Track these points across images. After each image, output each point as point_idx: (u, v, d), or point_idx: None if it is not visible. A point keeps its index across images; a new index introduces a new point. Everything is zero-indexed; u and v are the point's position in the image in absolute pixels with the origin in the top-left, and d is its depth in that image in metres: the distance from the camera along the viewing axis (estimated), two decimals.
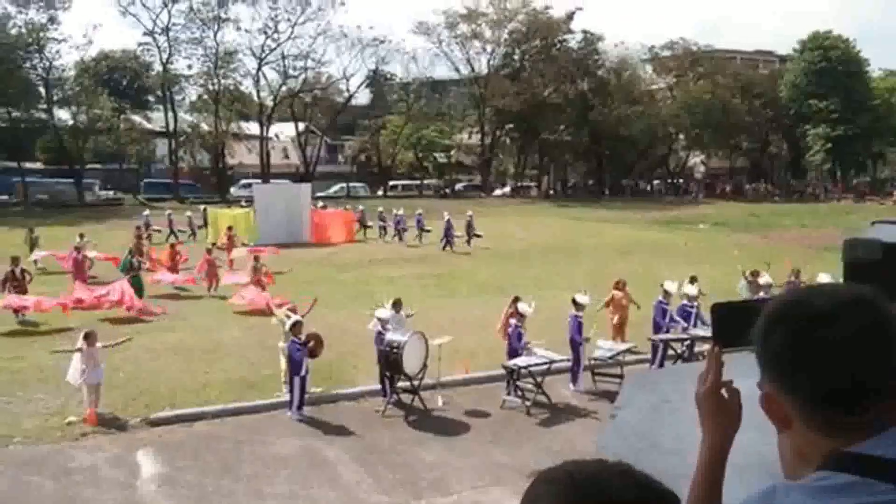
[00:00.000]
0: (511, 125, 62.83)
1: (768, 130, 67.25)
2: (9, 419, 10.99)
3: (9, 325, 16.62)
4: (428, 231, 32.52)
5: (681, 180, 70.37)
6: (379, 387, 12.14)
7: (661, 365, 13.10)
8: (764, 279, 16.02)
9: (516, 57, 63.17)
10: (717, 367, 1.41)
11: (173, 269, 22.33)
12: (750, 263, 19.04)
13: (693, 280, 15.39)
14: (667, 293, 14.19)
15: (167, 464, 9.70)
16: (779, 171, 74.02)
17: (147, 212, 34.85)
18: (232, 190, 52.61)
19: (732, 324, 1.42)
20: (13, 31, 48.49)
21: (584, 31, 63.17)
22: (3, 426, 10.71)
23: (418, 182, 60.59)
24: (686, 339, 13.80)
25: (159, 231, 32.04)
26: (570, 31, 62.84)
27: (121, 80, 57.60)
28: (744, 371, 1.45)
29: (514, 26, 61.48)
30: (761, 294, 13.85)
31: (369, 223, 35.73)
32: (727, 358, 1.45)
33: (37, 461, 9.65)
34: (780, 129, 67.43)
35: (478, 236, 31.16)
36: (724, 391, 1.41)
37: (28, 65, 49.90)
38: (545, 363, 12.21)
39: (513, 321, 12.48)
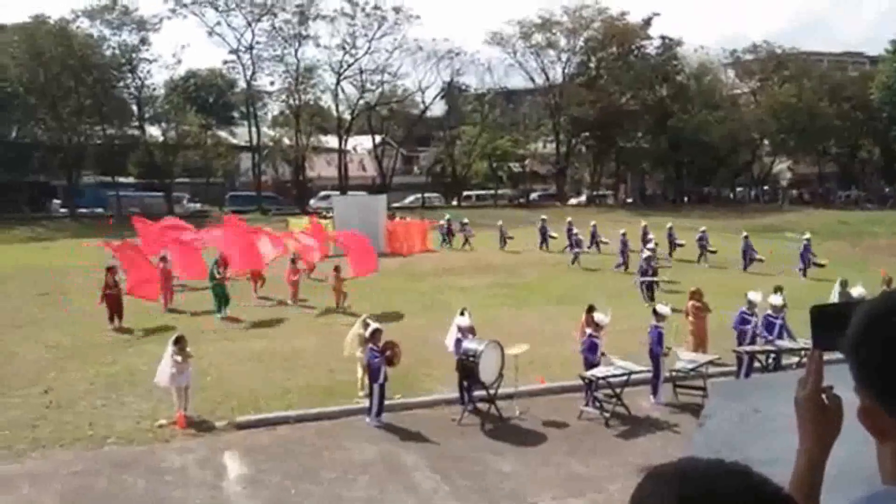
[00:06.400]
0: (587, 133, 62.15)
1: (859, 135, 64.24)
2: (104, 420, 11.54)
3: (104, 332, 17.49)
4: (681, 245, 29.92)
5: (766, 187, 67.99)
6: (454, 395, 12.18)
7: (747, 377, 12.66)
8: (857, 291, 15.29)
9: (592, 65, 62.49)
10: (818, 372, 1.37)
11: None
12: (838, 274, 18.25)
13: (778, 290, 14.84)
14: (750, 303, 13.73)
15: (252, 466, 9.98)
16: (870, 176, 70.54)
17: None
18: (311, 202, 53.86)
19: (833, 327, 1.37)
20: (108, 53, 51.19)
21: (663, 37, 62.14)
22: (100, 427, 11.26)
23: (493, 192, 60.62)
24: (772, 351, 13.32)
25: None
26: (648, 37, 61.85)
27: (207, 97, 59.93)
28: (844, 379, 1.40)
29: (590, 34, 60.84)
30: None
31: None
32: (827, 366, 1.41)
33: (130, 461, 10.09)
34: (872, 133, 64.33)
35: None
36: (824, 396, 1.36)
37: (122, 84, 52.63)
38: (624, 374, 12.00)
39: (588, 330, 12.32)
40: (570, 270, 27.27)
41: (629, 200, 64.11)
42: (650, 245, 26.24)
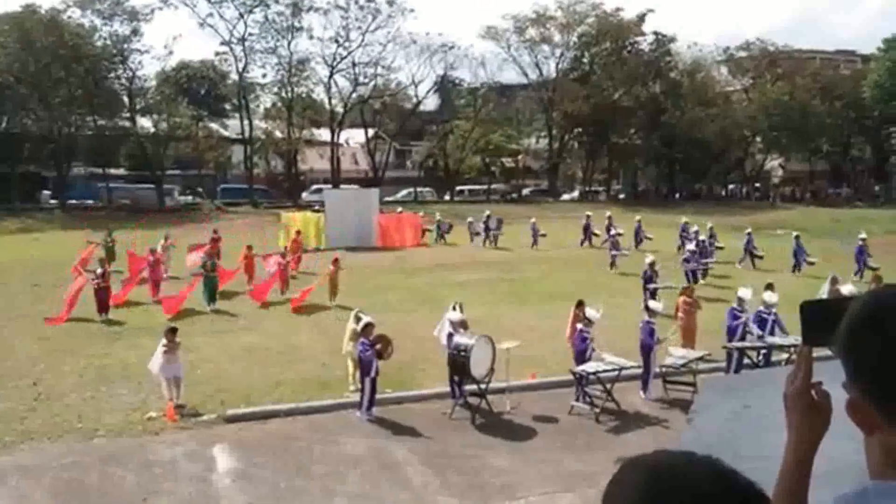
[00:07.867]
0: (579, 129, 62.18)
1: (850, 133, 64.53)
2: (93, 413, 11.51)
3: (95, 324, 17.42)
4: (721, 248, 28.03)
5: (757, 184, 68.24)
6: (445, 390, 12.19)
7: (737, 373, 12.72)
8: (847, 288, 15.36)
9: (585, 60, 62.50)
10: (807, 367, 1.37)
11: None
12: (829, 271, 18.34)
13: (770, 287, 14.89)
14: (741, 300, 13.79)
15: (242, 459, 9.97)
16: (861, 175, 70.90)
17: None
18: (304, 195, 53.69)
19: (823, 323, 1.37)
20: (99, 44, 50.77)
21: (656, 33, 62.06)
22: (89, 420, 11.23)
23: (485, 187, 60.61)
24: (762, 348, 13.38)
25: None
26: (642, 33, 61.81)
27: (199, 89, 59.48)
28: (833, 375, 1.41)
29: (584, 29, 60.85)
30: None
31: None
32: (816, 362, 1.41)
33: (119, 454, 10.06)
34: (864, 132, 64.64)
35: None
36: (813, 392, 1.37)
37: (112, 75, 52.18)
38: (614, 370, 12.03)
39: (579, 326, 12.35)
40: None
41: (621, 196, 64.20)
42: (690, 246, 25.28)
